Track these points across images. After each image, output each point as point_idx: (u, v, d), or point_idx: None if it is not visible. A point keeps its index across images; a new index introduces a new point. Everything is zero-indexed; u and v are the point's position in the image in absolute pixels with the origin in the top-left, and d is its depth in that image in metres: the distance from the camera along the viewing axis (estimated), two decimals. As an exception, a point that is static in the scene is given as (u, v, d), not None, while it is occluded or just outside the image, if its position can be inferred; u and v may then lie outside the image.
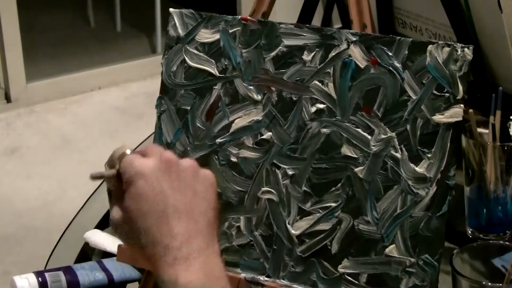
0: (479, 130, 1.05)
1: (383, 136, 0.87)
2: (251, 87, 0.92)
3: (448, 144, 0.84)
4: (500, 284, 0.87)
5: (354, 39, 0.88)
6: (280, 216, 0.90)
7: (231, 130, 0.93)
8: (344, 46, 0.89)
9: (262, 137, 0.91)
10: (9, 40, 3.37)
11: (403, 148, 0.86)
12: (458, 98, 0.84)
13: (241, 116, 0.92)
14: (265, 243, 0.90)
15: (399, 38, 0.87)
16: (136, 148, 1.39)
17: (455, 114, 0.84)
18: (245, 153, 0.92)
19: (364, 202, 0.87)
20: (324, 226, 0.88)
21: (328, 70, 0.89)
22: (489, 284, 0.87)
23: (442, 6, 1.11)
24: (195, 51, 0.95)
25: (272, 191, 0.90)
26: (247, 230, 0.91)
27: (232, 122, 0.93)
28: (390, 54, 0.87)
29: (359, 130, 0.87)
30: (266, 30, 0.92)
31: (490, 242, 1.01)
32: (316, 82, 0.89)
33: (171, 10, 0.97)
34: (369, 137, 0.87)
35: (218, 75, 0.94)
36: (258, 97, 0.92)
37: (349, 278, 0.87)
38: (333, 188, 0.88)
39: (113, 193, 0.76)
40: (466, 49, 0.84)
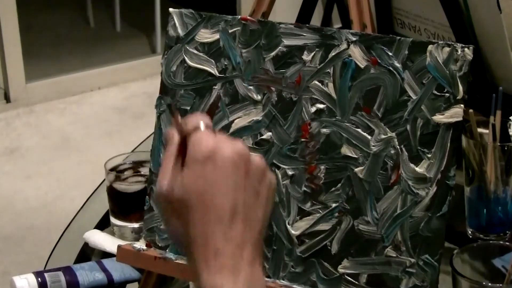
0: (479, 130, 1.05)
1: (383, 136, 0.86)
2: (251, 87, 0.92)
3: (448, 144, 0.84)
4: (500, 285, 0.87)
5: (354, 39, 0.88)
6: (280, 216, 0.90)
7: (231, 130, 0.92)
8: (344, 46, 0.88)
9: (262, 137, 0.91)
10: (8, 40, 3.37)
11: (403, 148, 0.86)
12: (458, 98, 0.84)
13: (241, 116, 0.92)
14: (265, 243, 0.90)
15: (399, 38, 0.87)
16: (136, 148, 1.38)
17: (455, 114, 0.84)
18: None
19: (364, 202, 0.87)
20: (324, 226, 0.88)
21: (328, 70, 0.89)
22: (489, 284, 0.87)
23: (441, 6, 1.11)
24: (195, 51, 0.95)
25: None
26: (247, 230, 0.91)
27: (232, 122, 0.93)
28: (390, 54, 0.86)
29: (359, 130, 0.87)
30: (266, 30, 0.92)
31: (490, 242, 1.01)
32: (316, 82, 0.89)
33: (170, 10, 0.96)
34: (369, 137, 0.87)
35: (218, 75, 0.94)
36: (258, 97, 0.92)
37: (349, 278, 0.87)
38: (333, 188, 0.88)
39: (170, 157, 0.68)
40: (466, 49, 0.84)
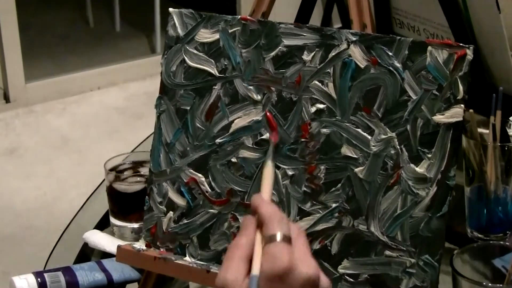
0: (480, 130, 1.05)
1: (383, 136, 0.86)
2: (251, 87, 0.92)
3: (449, 145, 0.84)
4: (501, 285, 0.87)
5: (354, 39, 0.88)
6: (280, 217, 0.90)
7: (231, 130, 0.92)
8: (344, 46, 0.88)
9: (262, 137, 0.91)
10: (8, 40, 3.37)
11: (403, 148, 0.86)
12: (458, 98, 0.84)
13: (240, 116, 0.92)
14: (265, 244, 0.90)
15: (399, 38, 0.86)
16: (136, 148, 1.38)
17: (455, 114, 0.84)
18: (245, 153, 0.91)
19: (364, 202, 0.87)
20: (324, 227, 0.88)
21: (328, 70, 0.89)
22: (489, 284, 0.87)
23: (440, 6, 1.11)
24: (195, 51, 0.95)
25: (272, 191, 0.90)
26: (247, 230, 0.91)
27: (232, 122, 0.92)
28: (390, 54, 0.86)
29: (359, 130, 0.87)
30: (266, 30, 0.92)
31: (491, 242, 1.01)
32: (316, 82, 0.89)
33: (170, 10, 0.96)
34: (369, 137, 0.87)
35: (218, 75, 0.93)
36: (258, 97, 0.91)
37: (349, 278, 0.87)
38: (333, 189, 0.88)
39: (239, 250, 0.69)
40: (467, 49, 0.84)
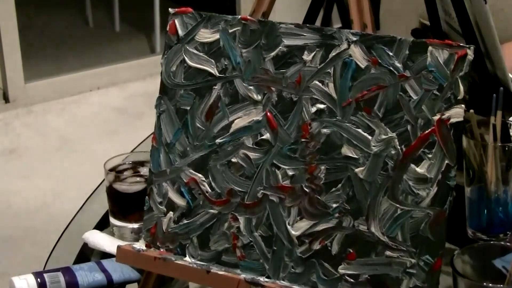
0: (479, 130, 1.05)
1: (383, 137, 0.86)
2: (251, 87, 0.92)
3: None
4: (501, 285, 0.87)
5: (355, 39, 0.88)
6: (280, 217, 0.90)
7: (231, 131, 0.92)
8: (344, 46, 0.88)
9: (262, 137, 0.91)
10: (7, 40, 3.37)
11: (404, 149, 0.85)
12: (459, 98, 0.84)
13: (241, 116, 0.92)
14: (265, 244, 0.90)
15: (399, 38, 0.86)
16: (136, 148, 1.38)
17: (456, 114, 0.84)
18: (245, 153, 0.91)
19: (364, 202, 0.86)
20: (324, 227, 0.88)
21: (329, 70, 0.89)
22: (490, 285, 0.87)
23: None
24: (195, 51, 0.95)
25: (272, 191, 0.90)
26: (247, 230, 0.91)
27: (232, 122, 0.92)
28: (391, 54, 0.86)
29: (359, 131, 0.87)
30: (266, 30, 0.92)
31: (491, 243, 1.01)
32: (317, 82, 0.89)
33: (170, 10, 0.96)
34: (369, 137, 0.87)
35: (218, 75, 0.93)
36: (258, 97, 0.91)
37: (349, 279, 0.86)
38: (333, 189, 0.88)
39: None
40: (467, 49, 0.84)
